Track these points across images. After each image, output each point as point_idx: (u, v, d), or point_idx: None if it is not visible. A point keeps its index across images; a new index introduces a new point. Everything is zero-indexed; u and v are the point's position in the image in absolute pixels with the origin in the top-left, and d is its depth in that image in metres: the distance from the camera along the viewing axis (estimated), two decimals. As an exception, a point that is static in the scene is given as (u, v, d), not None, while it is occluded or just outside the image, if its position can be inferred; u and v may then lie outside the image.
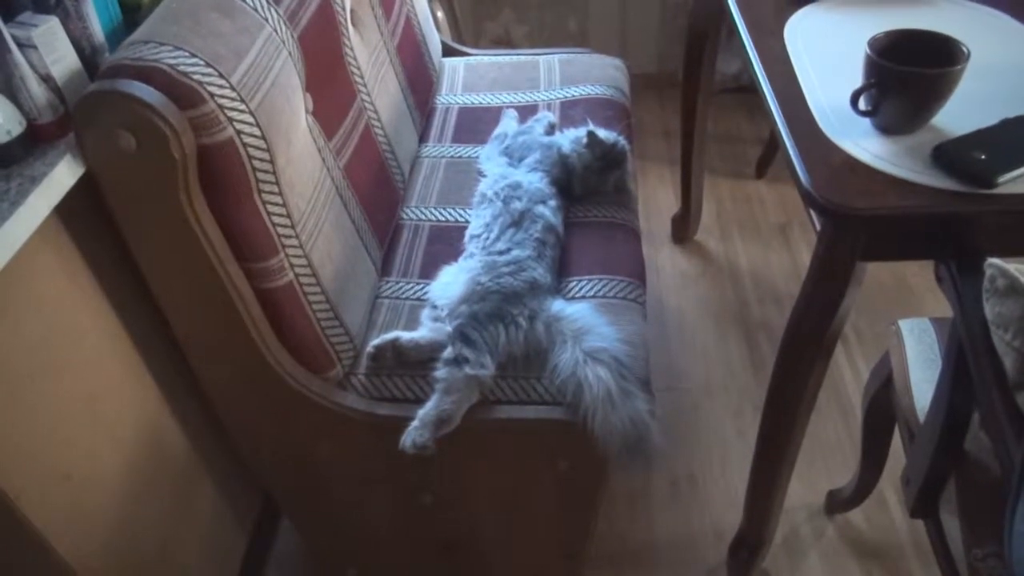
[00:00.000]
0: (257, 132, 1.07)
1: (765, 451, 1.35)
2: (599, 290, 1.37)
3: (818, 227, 1.15)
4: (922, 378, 1.21)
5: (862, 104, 1.08)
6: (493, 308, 1.26)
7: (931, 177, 1.00)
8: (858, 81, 1.08)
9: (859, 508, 1.64)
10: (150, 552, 1.26)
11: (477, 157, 1.70)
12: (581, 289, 1.38)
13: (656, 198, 2.48)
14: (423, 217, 1.59)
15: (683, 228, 2.29)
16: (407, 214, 1.61)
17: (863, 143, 1.07)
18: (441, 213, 1.59)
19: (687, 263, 2.26)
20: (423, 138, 1.83)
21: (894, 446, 1.42)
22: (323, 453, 1.31)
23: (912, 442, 1.19)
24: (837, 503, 1.65)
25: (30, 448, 1.01)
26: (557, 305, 1.28)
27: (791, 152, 1.07)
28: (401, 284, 1.44)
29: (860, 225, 1.01)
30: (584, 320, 1.24)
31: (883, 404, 1.34)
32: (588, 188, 1.57)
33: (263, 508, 1.64)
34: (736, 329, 2.06)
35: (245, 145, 1.05)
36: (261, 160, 1.08)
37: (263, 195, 1.10)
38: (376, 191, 1.49)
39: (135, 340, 1.21)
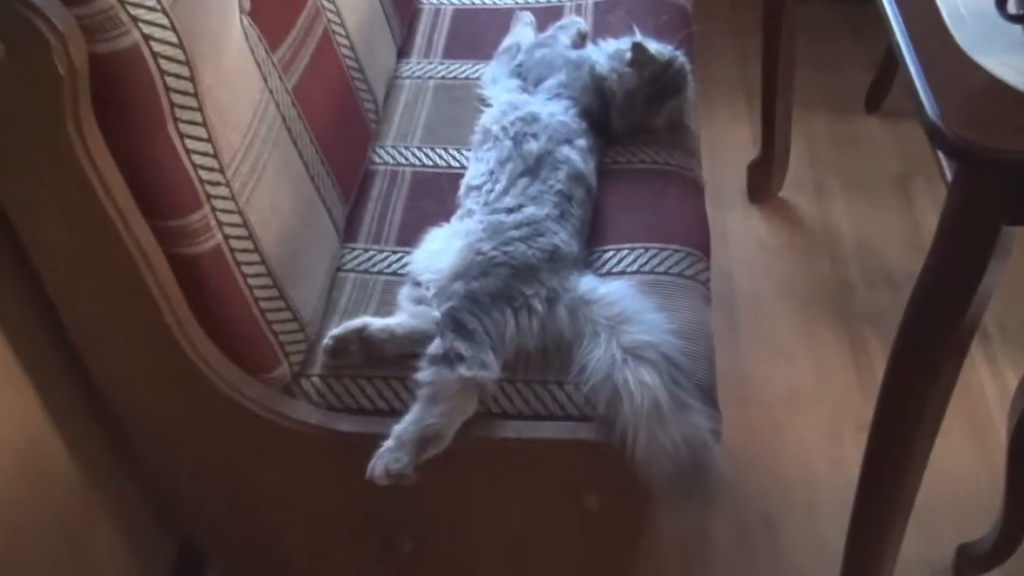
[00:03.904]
0: (173, 37, 1.06)
1: (871, 488, 1.35)
2: (645, 263, 1.36)
3: (949, 178, 1.14)
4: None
5: (1013, 6, 1.06)
6: (498, 286, 1.25)
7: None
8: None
9: (1000, 569, 1.63)
10: (28, 614, 1.26)
11: (478, 78, 1.69)
12: (620, 262, 1.37)
13: (726, 138, 2.45)
14: (403, 160, 1.58)
15: (763, 180, 2.28)
16: (381, 156, 1.59)
17: (1014, 60, 1.05)
18: (428, 155, 1.58)
19: (767, 228, 2.23)
20: (404, 52, 1.80)
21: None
22: (264, 484, 1.31)
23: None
24: (971, 561, 1.64)
25: None
26: (587, 283, 1.28)
27: (913, 73, 1.06)
28: (372, 252, 1.43)
29: (1008, 174, 1.00)
30: (623, 304, 1.24)
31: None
32: (632, 123, 1.55)
33: (180, 558, 1.65)
34: (833, 320, 2.04)
35: (156, 55, 1.04)
36: (178, 76, 1.07)
37: (180, 125, 1.09)
38: (338, 124, 1.48)
39: (8, 333, 1.21)
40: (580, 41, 1.70)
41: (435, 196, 1.50)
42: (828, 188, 2.33)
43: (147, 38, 1.03)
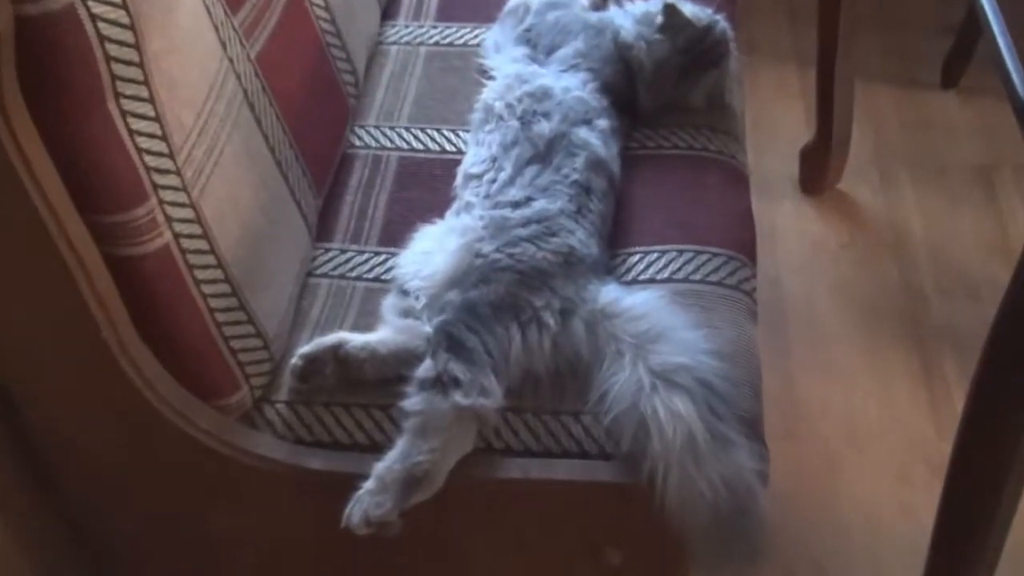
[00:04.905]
0: (115, -5, 1.06)
1: (949, 540, 1.34)
2: (678, 269, 1.36)
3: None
4: None
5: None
6: (502, 296, 1.25)
7: None
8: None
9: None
10: None
11: (479, 45, 1.69)
12: (648, 267, 1.37)
13: (773, 117, 2.44)
14: (387, 143, 1.58)
15: (819, 169, 2.27)
16: (361, 138, 1.59)
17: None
18: (417, 137, 1.58)
19: (823, 227, 2.22)
20: (390, 12, 1.80)
21: None
22: (220, 531, 1.31)
23: None
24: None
25: None
26: (608, 293, 1.28)
27: (1001, 42, 1.05)
28: (350, 254, 1.43)
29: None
30: (653, 319, 1.24)
31: None
32: (663, 100, 1.55)
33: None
34: (902, 337, 2.04)
35: (95, 17, 1.04)
36: (121, 43, 1.07)
37: (122, 101, 1.09)
38: (311, 99, 1.47)
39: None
40: (601, 1, 1.70)
41: (426, 186, 1.49)
42: (896, 179, 2.32)
43: (84, -6, 1.03)
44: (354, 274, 1.41)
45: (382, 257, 1.42)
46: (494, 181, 1.40)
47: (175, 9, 1.18)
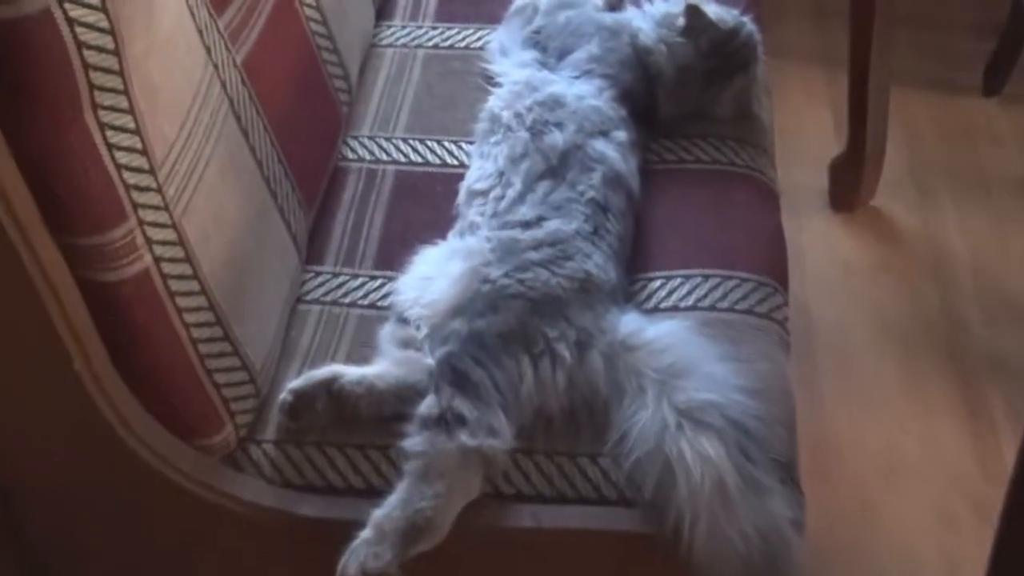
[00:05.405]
0: (94, -4, 1.06)
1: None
2: (703, 296, 1.36)
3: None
4: None
5: None
6: (512, 326, 1.25)
7: None
8: None
9: None
10: None
11: (483, 48, 1.69)
12: (671, 294, 1.37)
13: (799, 127, 2.45)
14: (383, 156, 1.58)
15: (850, 183, 2.28)
16: (355, 150, 1.59)
17: None
18: (416, 149, 1.58)
19: (856, 246, 2.23)
20: (384, 12, 1.80)
21: None
22: (202, 582, 1.31)
23: None
24: None
25: None
26: (629, 323, 1.28)
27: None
28: (343, 278, 1.43)
29: None
30: (678, 352, 1.23)
31: None
32: (686, 109, 1.56)
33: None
34: (943, 367, 2.04)
35: (72, 20, 1.03)
36: (100, 49, 1.07)
37: (100, 112, 1.08)
38: (300, 108, 1.47)
39: None
40: (616, 0, 1.70)
41: (426, 203, 1.49)
42: (935, 194, 2.33)
43: (61, -1, 1.03)
44: (347, 300, 1.40)
45: (378, 281, 1.41)
46: (502, 198, 1.39)
47: (157, 10, 1.17)
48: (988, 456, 1.91)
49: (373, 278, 1.42)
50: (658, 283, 1.39)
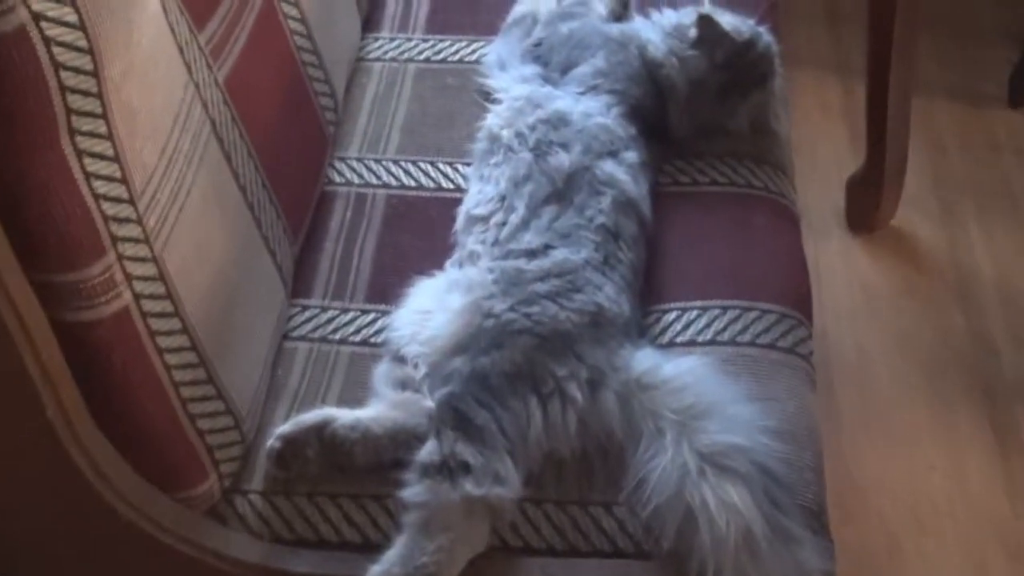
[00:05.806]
0: (72, 16, 1.05)
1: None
2: (723, 329, 1.37)
3: None
4: None
5: None
6: (518, 364, 1.25)
7: None
8: None
9: None
10: None
11: (479, 61, 1.70)
12: (687, 327, 1.37)
13: (814, 142, 2.46)
14: (373, 179, 1.58)
15: (869, 202, 2.28)
16: (342, 173, 1.59)
17: None
18: (408, 171, 1.58)
19: (876, 269, 2.24)
20: (371, 23, 1.81)
21: None
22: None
23: None
24: None
25: None
26: (644, 359, 1.28)
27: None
28: (333, 312, 1.43)
29: None
30: (698, 391, 1.23)
31: None
32: (699, 126, 1.56)
33: None
34: (971, 397, 2.04)
35: (49, 40, 1.03)
36: (77, 70, 1.06)
37: (78, 138, 1.08)
38: (284, 128, 1.47)
39: None
40: (622, 9, 1.72)
41: (420, 230, 1.50)
42: (959, 211, 2.34)
43: (38, 17, 1.02)
44: (337, 336, 1.40)
45: (370, 316, 1.41)
46: (504, 224, 1.40)
47: (137, 27, 1.17)
48: (1020, 493, 1.92)
49: (365, 312, 1.42)
50: (673, 315, 1.39)
